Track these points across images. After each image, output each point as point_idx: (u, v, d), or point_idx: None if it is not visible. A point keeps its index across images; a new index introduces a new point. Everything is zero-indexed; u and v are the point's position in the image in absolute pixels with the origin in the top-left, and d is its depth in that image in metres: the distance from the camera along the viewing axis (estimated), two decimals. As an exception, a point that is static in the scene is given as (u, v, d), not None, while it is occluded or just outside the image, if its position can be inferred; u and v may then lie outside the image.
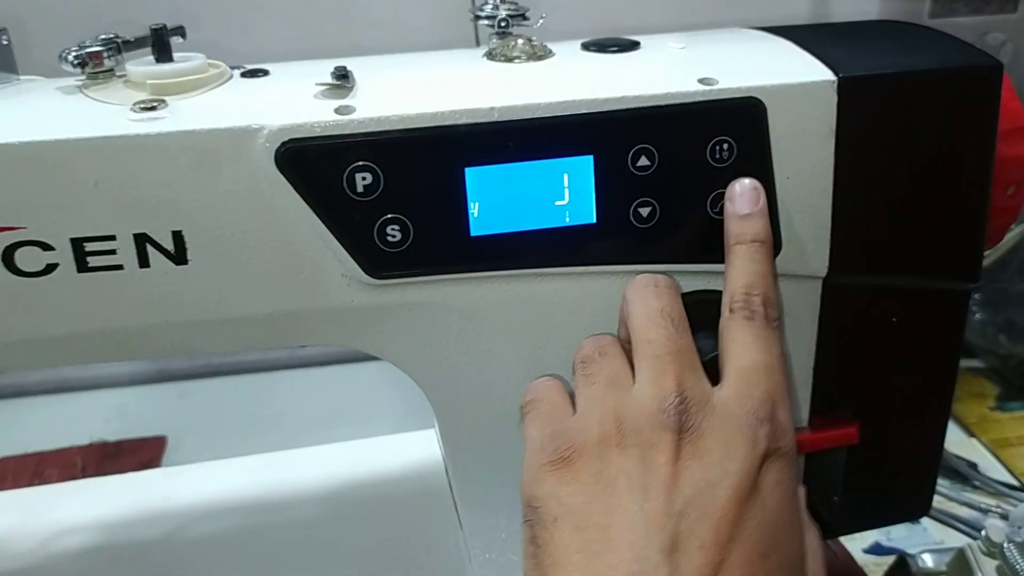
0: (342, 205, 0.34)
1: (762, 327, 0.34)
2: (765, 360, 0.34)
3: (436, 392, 0.40)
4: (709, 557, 0.29)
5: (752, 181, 0.36)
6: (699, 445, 0.31)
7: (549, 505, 0.32)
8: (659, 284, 0.36)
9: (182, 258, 0.34)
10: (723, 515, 0.30)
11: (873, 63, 0.37)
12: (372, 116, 0.34)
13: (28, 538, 0.49)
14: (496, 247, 0.36)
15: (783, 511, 0.32)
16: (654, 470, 0.31)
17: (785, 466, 0.32)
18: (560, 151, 0.35)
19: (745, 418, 0.32)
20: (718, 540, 0.30)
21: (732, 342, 0.34)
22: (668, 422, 0.32)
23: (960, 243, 0.40)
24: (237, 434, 0.74)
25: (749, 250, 0.36)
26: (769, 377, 0.34)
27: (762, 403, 0.33)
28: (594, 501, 0.31)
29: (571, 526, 0.31)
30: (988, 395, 0.78)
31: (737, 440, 0.32)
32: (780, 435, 0.33)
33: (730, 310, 0.35)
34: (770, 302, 0.35)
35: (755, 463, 0.31)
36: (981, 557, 0.48)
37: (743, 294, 0.35)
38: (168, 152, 0.33)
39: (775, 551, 0.31)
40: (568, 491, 0.32)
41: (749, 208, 0.36)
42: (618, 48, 0.40)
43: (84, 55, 0.35)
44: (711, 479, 0.31)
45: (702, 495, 0.30)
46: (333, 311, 0.36)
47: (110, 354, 0.36)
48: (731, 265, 0.36)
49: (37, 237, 0.33)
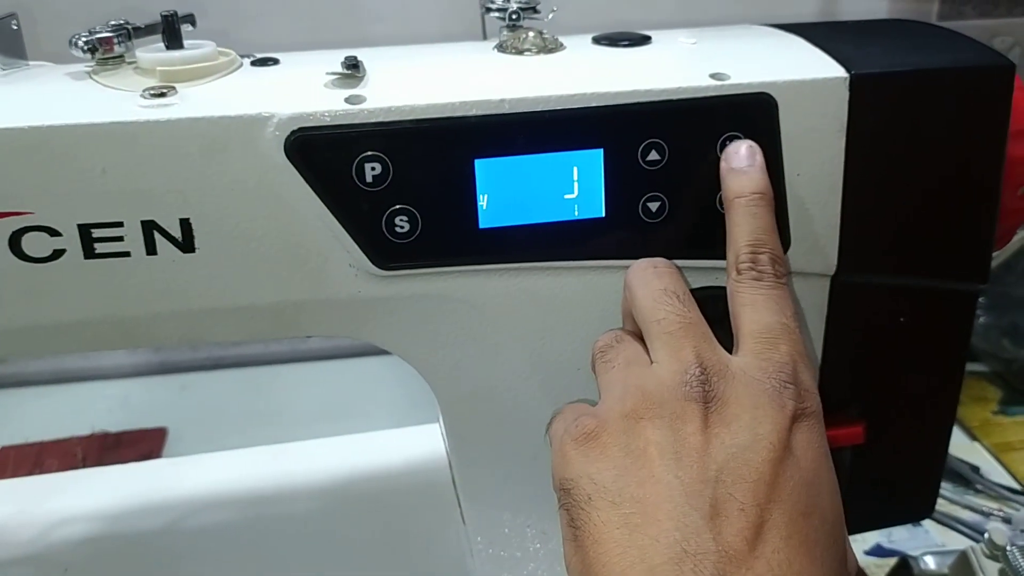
0: (351, 195, 0.34)
1: (772, 286, 0.34)
2: (780, 321, 0.33)
3: (441, 385, 0.39)
4: (750, 519, 0.29)
5: (748, 141, 0.36)
6: (725, 412, 0.31)
7: (581, 484, 0.31)
8: (658, 266, 0.36)
9: (189, 246, 0.34)
10: (759, 477, 0.29)
11: (885, 61, 0.37)
12: (382, 106, 0.34)
13: (29, 527, 0.49)
14: (504, 240, 0.36)
15: (819, 470, 0.31)
16: (683, 439, 0.31)
17: (814, 426, 0.32)
18: (570, 144, 0.35)
19: (768, 382, 0.32)
20: (757, 502, 0.29)
21: (743, 306, 0.34)
22: (692, 393, 0.31)
23: (969, 243, 0.40)
24: (237, 427, 0.74)
25: (750, 203, 0.35)
26: (787, 337, 0.33)
27: (783, 365, 0.32)
28: (626, 474, 0.30)
29: (607, 502, 0.30)
30: (991, 399, 0.78)
31: (763, 404, 0.31)
32: (805, 396, 0.32)
33: (737, 271, 0.34)
34: (777, 258, 0.34)
35: (785, 425, 0.31)
36: (984, 560, 0.48)
37: (749, 252, 0.34)
38: (177, 139, 0.33)
39: (815, 510, 0.30)
40: (598, 467, 0.31)
41: (747, 163, 0.35)
42: (629, 42, 0.40)
43: (94, 41, 0.35)
44: (742, 444, 0.30)
45: (735, 460, 0.30)
46: (339, 302, 0.36)
47: (116, 342, 0.36)
48: (733, 222, 0.35)
49: (44, 223, 0.33)
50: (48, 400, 0.79)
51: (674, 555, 0.28)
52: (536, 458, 0.40)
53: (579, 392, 0.38)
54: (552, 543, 0.43)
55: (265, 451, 0.55)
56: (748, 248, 0.34)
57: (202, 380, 0.81)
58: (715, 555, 0.28)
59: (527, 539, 0.43)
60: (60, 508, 0.50)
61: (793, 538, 0.29)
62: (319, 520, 0.50)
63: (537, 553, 0.44)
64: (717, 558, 0.28)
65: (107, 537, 0.49)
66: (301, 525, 0.49)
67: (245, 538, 0.49)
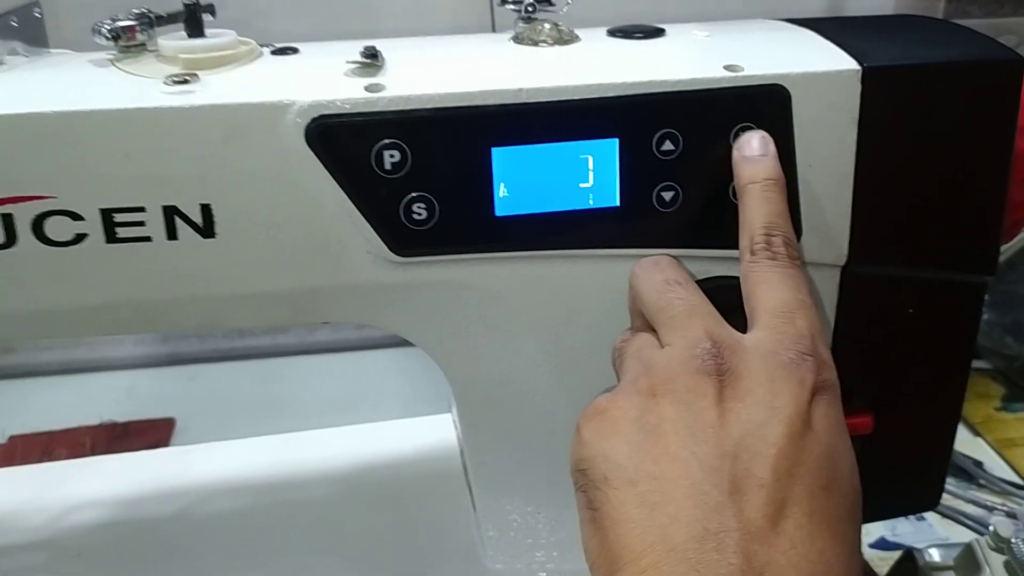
0: (369, 182, 0.34)
1: (787, 266, 0.34)
2: (796, 296, 0.33)
3: (455, 372, 0.40)
4: (771, 495, 0.28)
5: (760, 131, 0.36)
6: (739, 387, 0.30)
7: (596, 463, 0.31)
8: (658, 261, 0.36)
9: (210, 231, 0.34)
10: (778, 452, 0.29)
11: (897, 54, 0.37)
12: (401, 94, 0.34)
13: (42, 512, 0.49)
14: (520, 228, 0.36)
15: (838, 444, 0.31)
16: (698, 413, 0.30)
17: (833, 399, 0.32)
18: (585, 134, 0.36)
19: (786, 354, 0.31)
20: (777, 477, 0.29)
21: (757, 284, 0.34)
22: (704, 366, 0.31)
23: (978, 236, 0.40)
24: (245, 418, 0.75)
25: (763, 188, 0.35)
26: (803, 312, 0.33)
27: (801, 337, 0.32)
28: (640, 451, 0.30)
29: (623, 481, 0.30)
30: (994, 396, 0.78)
31: (781, 378, 0.30)
32: (823, 368, 0.31)
33: (751, 252, 0.34)
34: (790, 242, 0.34)
35: (805, 398, 0.30)
36: (989, 552, 0.48)
37: (763, 234, 0.34)
38: (199, 125, 0.33)
39: (836, 484, 0.30)
40: (610, 444, 0.31)
41: (760, 151, 0.36)
42: (643, 35, 0.40)
43: (118, 28, 0.35)
44: (759, 419, 0.30)
45: (752, 436, 0.29)
46: (357, 288, 0.37)
47: (136, 326, 0.37)
48: (746, 206, 0.35)
49: (67, 207, 0.33)
50: (57, 390, 0.79)
51: (695, 534, 0.28)
52: (548, 446, 0.41)
53: (593, 380, 0.39)
54: (563, 532, 0.44)
55: (276, 439, 0.56)
56: (763, 230, 0.34)
57: (210, 371, 0.82)
58: (737, 532, 0.28)
59: (538, 527, 0.44)
60: (73, 494, 0.51)
61: (815, 514, 0.29)
62: (330, 507, 0.50)
63: (548, 541, 0.44)
64: (739, 536, 0.28)
65: (120, 523, 0.49)
66: (311, 512, 0.50)
67: (256, 525, 0.49)
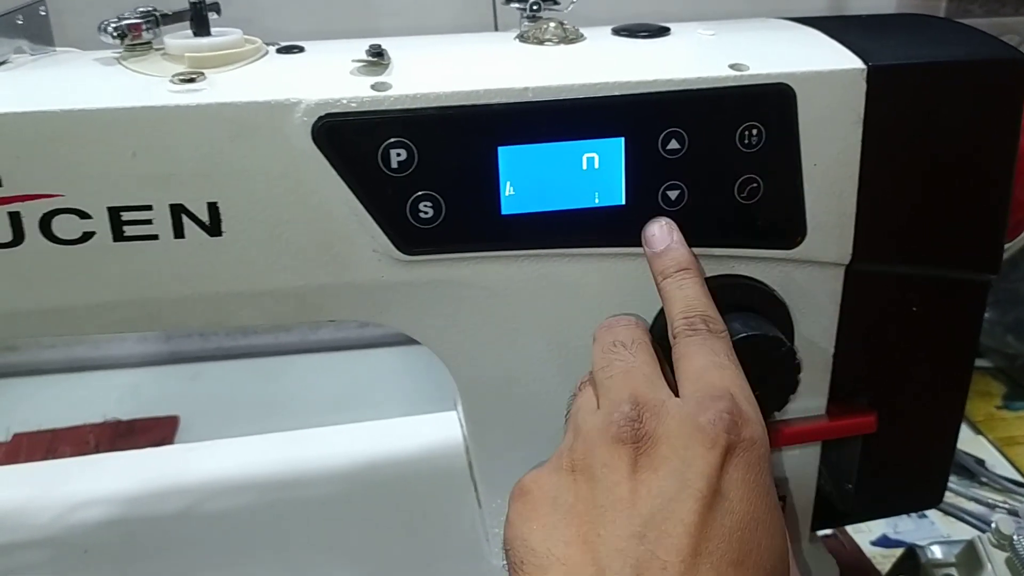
0: (376, 181, 0.34)
1: (706, 338, 0.34)
2: (713, 360, 0.33)
3: (461, 370, 0.40)
4: None
5: (661, 219, 0.37)
6: (655, 454, 0.30)
7: (515, 546, 0.31)
8: (614, 323, 0.36)
9: (216, 229, 0.35)
10: (684, 531, 0.28)
11: (902, 53, 0.37)
12: (408, 93, 0.34)
13: (49, 509, 0.50)
14: (526, 226, 0.36)
15: (756, 510, 0.29)
16: (610, 489, 0.30)
17: (752, 459, 0.30)
18: (591, 132, 0.36)
19: (703, 415, 0.30)
20: (682, 559, 0.28)
21: (681, 359, 0.33)
22: (620, 434, 0.30)
23: (981, 234, 0.40)
24: (248, 416, 0.75)
25: (675, 280, 0.36)
26: (721, 373, 0.32)
27: (718, 397, 0.31)
28: (553, 535, 0.30)
29: (535, 567, 0.29)
30: (995, 394, 0.78)
31: (694, 442, 0.30)
32: (742, 424, 0.30)
33: (674, 337, 0.34)
34: (710, 318, 0.34)
35: (715, 465, 0.29)
36: (991, 549, 0.49)
37: (682, 319, 0.34)
38: (206, 124, 0.33)
39: (751, 555, 0.29)
40: (528, 528, 0.31)
41: (664, 244, 0.36)
42: (648, 34, 0.40)
43: (124, 27, 0.35)
44: (669, 493, 0.29)
45: (661, 512, 0.29)
46: (363, 286, 0.37)
47: (143, 324, 0.37)
48: (665, 300, 0.36)
49: (74, 205, 0.33)
50: (60, 388, 0.79)
51: None
52: (554, 444, 0.40)
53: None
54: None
55: (281, 437, 0.56)
56: (681, 315, 0.35)
57: (212, 370, 0.82)
58: None
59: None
60: (78, 492, 0.51)
61: None
62: (334, 505, 0.50)
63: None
64: None
65: (126, 520, 0.49)
66: (316, 510, 0.50)
67: (261, 522, 0.49)
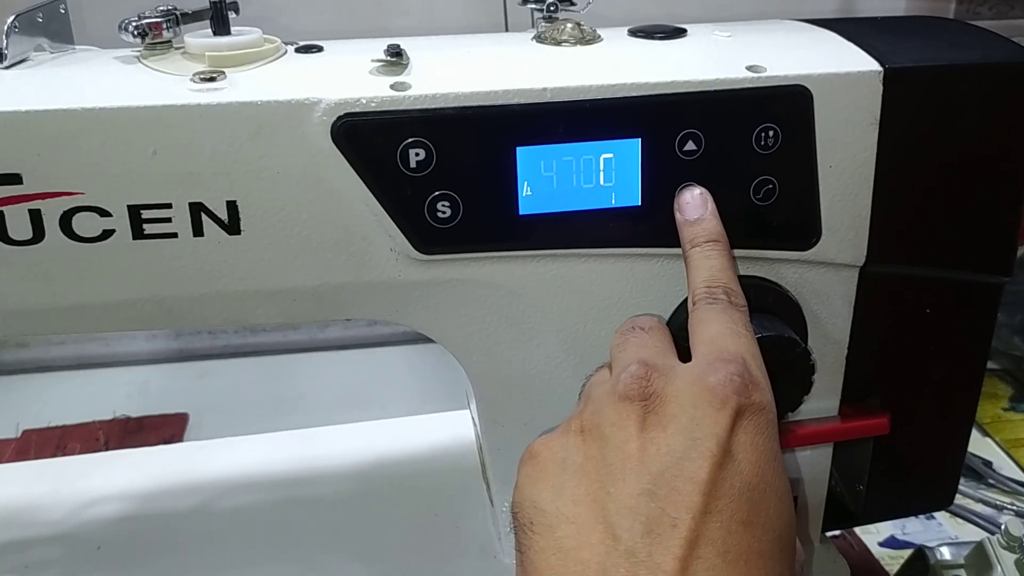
0: (394, 180, 0.35)
1: (725, 307, 0.34)
2: (730, 327, 0.33)
3: (476, 369, 0.40)
4: (683, 535, 0.27)
5: (695, 187, 0.36)
6: (664, 412, 0.30)
7: (524, 508, 0.31)
8: (634, 317, 0.37)
9: (235, 228, 0.35)
10: (695, 488, 0.28)
11: (918, 55, 0.38)
12: (427, 93, 0.34)
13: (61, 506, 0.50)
14: (543, 226, 0.36)
15: (764, 473, 0.29)
16: (619, 446, 0.30)
17: (762, 423, 0.30)
18: (609, 133, 0.36)
19: (713, 376, 0.30)
20: (692, 515, 0.28)
21: (696, 324, 0.34)
22: (628, 391, 0.30)
23: (995, 237, 0.40)
24: (257, 413, 0.75)
25: (704, 250, 0.35)
26: (736, 340, 0.32)
27: (731, 360, 0.31)
28: (562, 495, 0.30)
29: (544, 526, 0.29)
30: (1002, 396, 0.78)
31: (704, 402, 0.30)
32: (752, 388, 0.30)
33: (693, 303, 0.34)
34: (733, 291, 0.34)
35: (725, 425, 0.29)
36: (1001, 551, 0.49)
37: (704, 288, 0.34)
38: (226, 123, 0.33)
39: (759, 516, 0.29)
40: (537, 489, 0.31)
41: (699, 213, 0.36)
42: (665, 35, 0.40)
43: (144, 26, 0.35)
44: (680, 451, 0.29)
45: (670, 470, 0.29)
46: (380, 285, 0.37)
47: (161, 322, 0.37)
48: (690, 268, 0.36)
49: (95, 203, 0.33)
50: (69, 385, 0.80)
51: None
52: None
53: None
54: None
55: (292, 435, 0.56)
56: (704, 285, 0.35)
57: (221, 367, 0.82)
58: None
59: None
60: (91, 488, 0.51)
61: (730, 552, 0.28)
62: (346, 503, 0.50)
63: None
64: None
65: (140, 517, 0.49)
66: (327, 508, 0.50)
67: (272, 520, 0.49)
